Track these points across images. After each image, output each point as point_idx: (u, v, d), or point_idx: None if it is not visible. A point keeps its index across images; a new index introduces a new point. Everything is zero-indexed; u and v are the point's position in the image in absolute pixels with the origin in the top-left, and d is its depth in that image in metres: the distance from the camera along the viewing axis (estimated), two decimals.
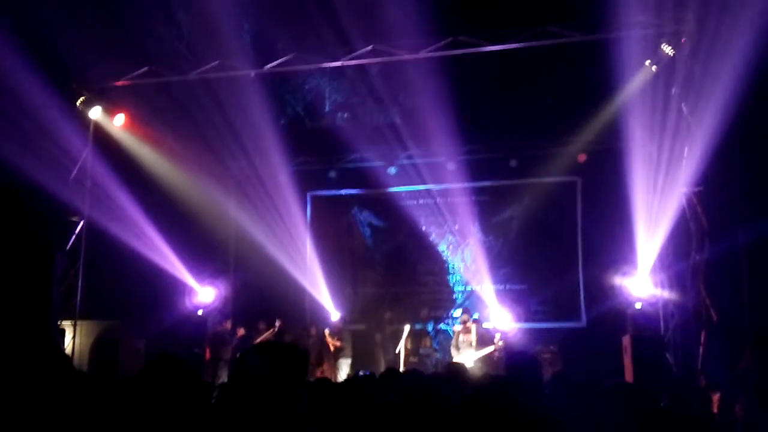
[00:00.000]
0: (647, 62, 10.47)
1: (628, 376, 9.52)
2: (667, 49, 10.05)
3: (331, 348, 11.95)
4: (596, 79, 10.51)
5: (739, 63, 8.52)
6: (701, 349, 9.61)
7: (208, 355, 11.84)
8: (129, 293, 11.61)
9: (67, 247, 11.38)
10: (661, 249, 10.67)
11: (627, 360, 9.81)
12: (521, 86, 11.32)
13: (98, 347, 11.18)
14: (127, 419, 3.00)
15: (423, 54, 10.38)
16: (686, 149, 10.03)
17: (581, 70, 10.63)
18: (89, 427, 3.15)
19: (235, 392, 2.20)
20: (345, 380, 5.34)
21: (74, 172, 11.20)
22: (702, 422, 4.10)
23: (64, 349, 10.68)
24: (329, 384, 4.20)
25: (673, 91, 10.20)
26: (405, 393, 4.00)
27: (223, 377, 11.48)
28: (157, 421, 2.93)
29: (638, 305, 10.86)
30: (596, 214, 12.64)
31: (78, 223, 11.53)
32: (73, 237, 11.45)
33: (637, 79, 10.57)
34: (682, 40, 9.82)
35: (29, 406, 3.10)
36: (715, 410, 5.89)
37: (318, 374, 11.21)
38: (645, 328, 10.45)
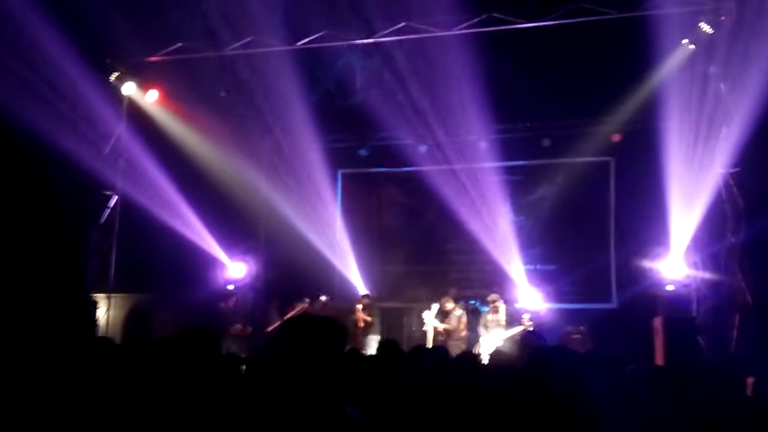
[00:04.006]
0: (685, 41, 10.27)
1: (659, 358, 9.43)
2: (706, 27, 9.84)
3: (361, 323, 11.97)
4: (632, 58, 10.33)
5: None
6: (735, 333, 9.49)
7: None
8: (161, 267, 11.75)
9: (101, 221, 11.54)
10: (696, 230, 10.52)
11: (658, 342, 9.71)
12: (555, 64, 11.15)
13: (131, 320, 11.35)
14: (156, 380, 3.04)
15: (456, 31, 10.28)
16: (723, 130, 9.86)
17: (616, 49, 10.44)
18: (117, 387, 3.19)
19: (271, 364, 2.21)
20: (375, 354, 5.34)
21: (108, 147, 11.32)
22: (736, 407, 4.06)
23: (95, 321, 10.88)
24: (360, 356, 4.21)
25: (711, 70, 10.01)
26: (431, 372, 4.00)
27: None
28: (185, 386, 2.97)
29: (671, 287, 10.75)
30: (629, 195, 12.49)
31: (111, 198, 11.67)
32: (107, 211, 11.60)
33: (674, 58, 10.38)
34: (722, 18, 9.61)
35: (62, 370, 3.16)
36: (750, 394, 5.81)
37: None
38: (677, 310, 10.35)
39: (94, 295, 11.21)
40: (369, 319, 12.01)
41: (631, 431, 3.38)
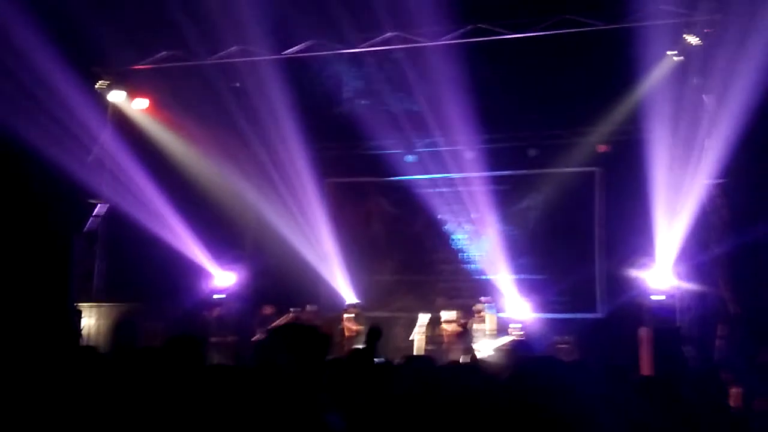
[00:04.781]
0: (670, 52, 10.35)
1: (645, 368, 9.46)
2: (691, 39, 9.92)
3: (347, 333, 11.94)
4: (618, 69, 10.40)
5: (763, 54, 8.41)
6: (719, 342, 9.54)
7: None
8: (148, 276, 11.67)
9: (86, 229, 11.46)
10: (682, 241, 10.58)
11: (644, 352, 9.75)
12: (541, 75, 11.22)
13: (116, 329, 11.24)
14: (141, 389, 3.02)
15: (443, 41, 10.32)
16: (708, 141, 9.93)
17: (603, 60, 10.52)
18: (101, 396, 3.17)
19: (256, 374, 2.20)
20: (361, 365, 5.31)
21: (93, 154, 11.26)
22: (720, 416, 4.07)
23: (79, 330, 10.78)
24: (344, 365, 4.20)
25: (695, 82, 10.09)
26: (419, 380, 3.99)
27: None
28: (171, 394, 2.95)
29: (656, 297, 10.79)
30: (615, 205, 12.55)
31: (97, 206, 11.60)
32: (92, 219, 11.53)
33: (659, 70, 10.46)
34: (706, 30, 9.69)
35: (45, 380, 3.13)
36: (734, 404, 5.84)
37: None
38: (663, 320, 10.39)
39: (79, 304, 11.12)
40: (357, 328, 11.98)
41: None
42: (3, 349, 4.09)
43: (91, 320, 11.20)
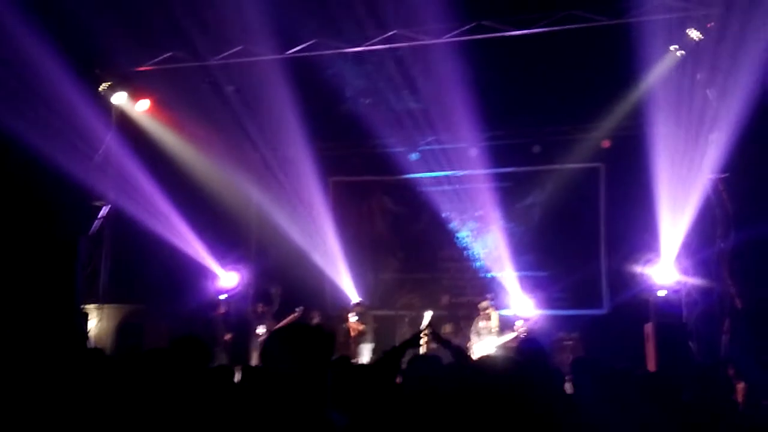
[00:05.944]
0: (673, 47, 10.33)
1: (651, 363, 9.46)
2: (694, 34, 9.90)
3: (352, 333, 11.95)
4: (621, 65, 10.37)
5: (766, 48, 8.39)
6: (724, 338, 9.53)
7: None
8: (153, 278, 11.71)
9: (91, 232, 11.49)
10: (686, 236, 10.56)
11: (649, 347, 9.74)
12: (544, 71, 11.19)
13: (122, 331, 11.29)
14: (147, 390, 3.03)
15: (445, 39, 10.31)
16: (711, 136, 9.91)
17: (605, 55, 10.49)
18: (108, 398, 3.18)
19: (261, 373, 2.21)
20: (368, 363, 5.33)
21: (97, 157, 11.29)
22: (726, 411, 4.07)
23: (86, 332, 10.81)
24: (351, 364, 4.21)
25: (698, 76, 10.06)
26: (427, 379, 4.00)
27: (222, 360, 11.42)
28: (177, 395, 2.96)
29: (661, 293, 10.77)
30: (619, 201, 12.55)
31: (102, 208, 11.63)
32: (97, 222, 11.56)
33: (663, 65, 10.43)
34: (709, 25, 9.67)
35: (53, 382, 3.15)
36: (740, 399, 5.84)
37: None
38: (668, 315, 10.37)
39: (85, 306, 11.15)
40: (361, 327, 11.99)
41: None
42: (12, 352, 4.12)
43: (96, 322, 11.23)
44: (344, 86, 12.12)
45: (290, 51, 10.74)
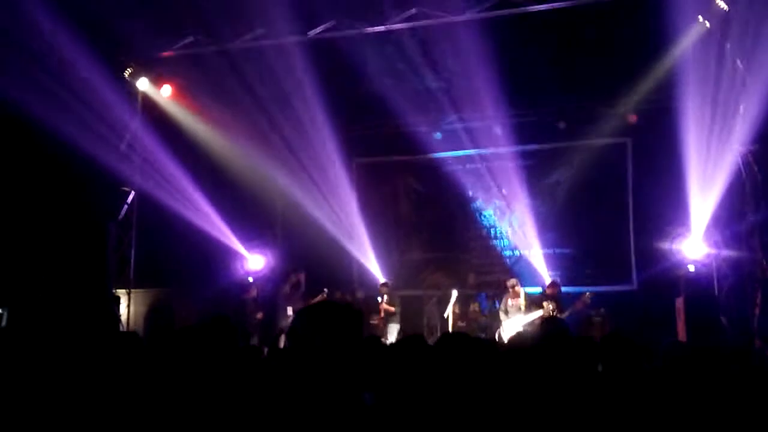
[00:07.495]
0: (700, 18, 10.14)
1: (682, 338, 9.38)
2: (721, 4, 9.71)
3: (381, 313, 11.97)
4: (647, 37, 10.20)
5: None
6: (757, 311, 9.42)
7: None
8: (180, 261, 11.82)
9: (120, 218, 11.62)
10: (716, 209, 10.41)
11: (680, 322, 9.66)
12: (569, 46, 11.04)
13: (153, 314, 11.44)
14: (179, 369, 3.06)
15: (468, 15, 10.20)
16: (741, 107, 9.74)
17: (631, 28, 10.33)
18: (143, 379, 3.22)
19: (290, 351, 2.22)
20: (397, 342, 5.33)
21: (124, 143, 11.39)
22: (760, 383, 4.01)
23: (119, 316, 10.98)
24: (380, 343, 4.22)
25: (728, 46, 9.87)
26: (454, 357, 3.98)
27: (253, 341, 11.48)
28: (208, 373, 2.98)
29: (691, 267, 10.65)
30: (647, 176, 12.40)
31: (129, 194, 11.74)
32: (125, 207, 11.68)
33: (690, 36, 10.25)
34: None
35: (90, 365, 3.19)
36: None
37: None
38: (698, 290, 10.25)
39: (116, 290, 11.31)
40: (391, 308, 12.01)
41: (655, 414, 3.35)
42: (48, 337, 4.18)
43: (128, 306, 11.39)
44: (366, 67, 12.05)
45: (311, 33, 10.70)
